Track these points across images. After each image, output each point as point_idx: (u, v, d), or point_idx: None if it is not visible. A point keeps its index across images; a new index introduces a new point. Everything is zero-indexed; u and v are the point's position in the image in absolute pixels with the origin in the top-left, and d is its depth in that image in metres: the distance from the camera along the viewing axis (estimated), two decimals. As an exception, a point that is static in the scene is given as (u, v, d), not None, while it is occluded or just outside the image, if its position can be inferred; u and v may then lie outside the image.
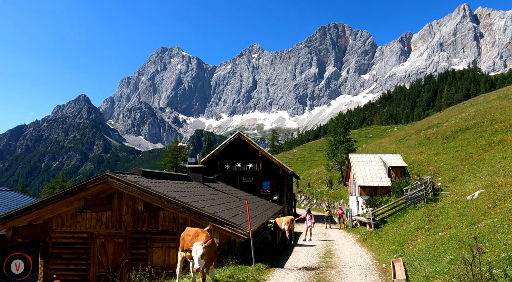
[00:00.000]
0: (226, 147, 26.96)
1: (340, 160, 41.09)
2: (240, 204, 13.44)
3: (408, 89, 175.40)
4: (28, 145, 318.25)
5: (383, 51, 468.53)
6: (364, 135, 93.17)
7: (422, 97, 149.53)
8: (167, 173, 12.53)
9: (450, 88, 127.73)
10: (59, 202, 9.20)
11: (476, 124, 33.92)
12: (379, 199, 22.09)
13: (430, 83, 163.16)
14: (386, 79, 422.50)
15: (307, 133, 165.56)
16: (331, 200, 37.54)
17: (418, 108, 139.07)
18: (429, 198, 16.50)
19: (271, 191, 26.53)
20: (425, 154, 32.02)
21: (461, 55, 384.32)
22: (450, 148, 30.68)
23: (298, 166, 72.62)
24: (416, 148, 37.48)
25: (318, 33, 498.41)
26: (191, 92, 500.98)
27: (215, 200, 11.64)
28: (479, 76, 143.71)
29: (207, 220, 8.72)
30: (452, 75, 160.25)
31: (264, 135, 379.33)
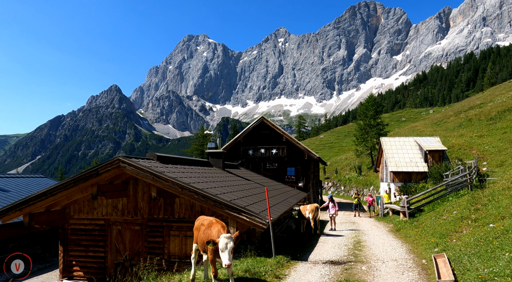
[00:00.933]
0: (250, 132, 26.20)
1: (370, 144, 39.01)
2: (261, 191, 12.68)
3: (446, 69, 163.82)
4: (66, 134, 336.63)
5: (418, 29, 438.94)
6: (396, 119, 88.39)
7: (461, 78, 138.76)
8: (185, 158, 11.99)
9: (493, 66, 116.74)
10: (72, 188, 8.94)
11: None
12: (414, 186, 20.43)
13: (470, 62, 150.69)
14: (420, 60, 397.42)
15: (335, 118, 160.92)
16: (360, 187, 35.95)
17: (457, 90, 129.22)
18: (474, 184, 14.74)
19: (296, 177, 25.59)
20: (466, 136, 29.30)
21: (507, 30, 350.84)
22: (496, 129, 27.83)
23: (325, 152, 70.73)
24: (456, 130, 34.53)
25: (347, 13, 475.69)
26: (217, 80, 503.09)
27: (234, 187, 10.96)
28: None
29: (223, 208, 8.05)
30: (496, 52, 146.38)
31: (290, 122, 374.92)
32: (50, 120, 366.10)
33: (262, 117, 25.63)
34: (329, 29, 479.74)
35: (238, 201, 8.82)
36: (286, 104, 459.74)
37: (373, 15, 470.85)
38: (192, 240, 9.15)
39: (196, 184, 8.82)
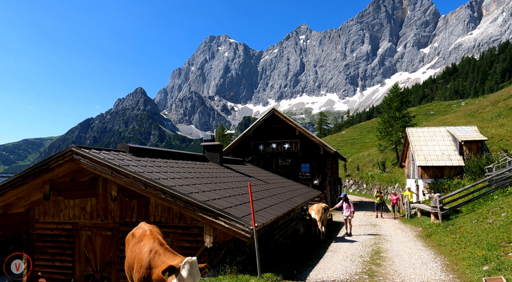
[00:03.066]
0: (260, 125, 24.36)
1: (395, 138, 35.88)
2: (262, 188, 10.82)
3: (478, 61, 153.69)
4: (95, 136, 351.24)
5: (447, 20, 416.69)
6: (424, 113, 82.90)
7: (496, 69, 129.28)
8: (170, 150, 10.32)
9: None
10: (22, 186, 7.52)
11: None
12: (447, 182, 17.72)
13: (506, 52, 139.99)
14: (450, 52, 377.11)
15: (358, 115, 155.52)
16: (383, 185, 33.11)
17: (491, 82, 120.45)
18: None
19: (311, 174, 23.45)
20: (508, 126, 25.96)
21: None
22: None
23: (347, 149, 67.62)
24: (495, 120, 30.96)
25: (371, 7, 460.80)
26: (238, 80, 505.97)
27: (226, 184, 9.16)
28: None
29: (195, 211, 6.31)
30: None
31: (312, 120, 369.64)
32: (80, 123, 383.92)
33: (273, 109, 23.66)
34: (352, 24, 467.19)
35: (220, 201, 7.01)
36: (308, 102, 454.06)
37: (399, 7, 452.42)
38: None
39: (171, 181, 7.12)
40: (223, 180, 9.61)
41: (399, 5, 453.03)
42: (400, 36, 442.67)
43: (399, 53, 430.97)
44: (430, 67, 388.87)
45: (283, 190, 12.65)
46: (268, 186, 12.31)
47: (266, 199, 9.35)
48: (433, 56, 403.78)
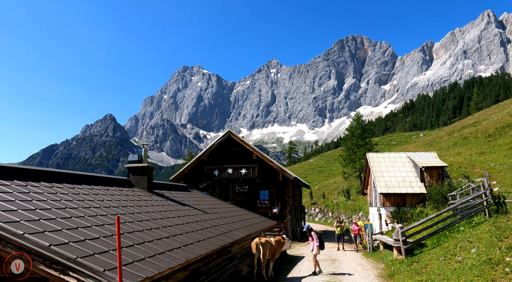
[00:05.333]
0: (215, 149, 22.38)
1: (358, 166, 35.44)
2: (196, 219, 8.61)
3: (432, 98, 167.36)
4: (59, 163, 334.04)
5: (404, 61, 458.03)
6: (386, 143, 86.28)
7: (448, 105, 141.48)
8: (72, 173, 7.92)
9: (477, 95, 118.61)
10: None
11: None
12: (409, 211, 16.55)
13: (455, 91, 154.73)
14: (407, 89, 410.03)
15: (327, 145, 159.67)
16: (348, 213, 31.79)
17: (444, 117, 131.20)
18: (493, 209, 10.87)
19: (270, 202, 21.47)
20: (465, 154, 26.10)
21: (487, 62, 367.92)
22: (499, 145, 24.75)
23: (315, 176, 67.25)
24: (452, 149, 31.42)
25: (336, 46, 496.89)
26: (211, 109, 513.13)
27: (138, 215, 6.84)
28: (509, 82, 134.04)
29: (34, 260, 3.97)
30: (479, 81, 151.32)
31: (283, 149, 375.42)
32: (43, 149, 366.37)
33: (229, 132, 21.89)
34: (319, 61, 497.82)
35: (99, 243, 4.72)
36: (279, 132, 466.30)
37: (361, 48, 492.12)
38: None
39: (21, 215, 4.71)
40: (139, 210, 7.30)
41: (361, 46, 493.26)
42: (363, 73, 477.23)
43: (363, 89, 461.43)
44: (390, 102, 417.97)
45: (225, 221, 10.44)
46: (206, 216, 10.06)
47: (188, 235, 7.12)
48: (393, 92, 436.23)
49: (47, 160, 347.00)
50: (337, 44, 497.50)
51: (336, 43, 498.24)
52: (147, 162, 10.52)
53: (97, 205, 6.42)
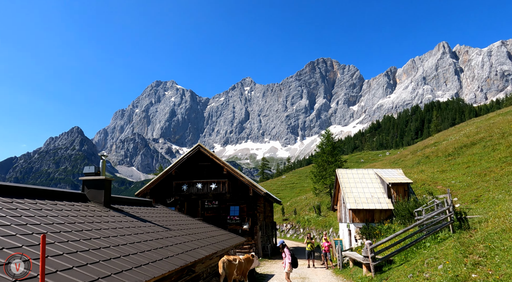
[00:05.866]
0: (184, 163, 21.59)
1: (328, 182, 35.98)
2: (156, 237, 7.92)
3: (396, 119, 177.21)
4: (18, 177, 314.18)
5: (370, 84, 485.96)
6: (355, 161, 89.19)
7: (410, 127, 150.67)
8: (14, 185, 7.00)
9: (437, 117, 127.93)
10: None
11: (483, 139, 29.91)
12: (377, 227, 16.69)
13: (417, 113, 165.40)
14: (374, 110, 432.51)
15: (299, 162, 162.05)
16: (319, 229, 31.74)
17: (407, 137, 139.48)
18: (456, 225, 11.18)
19: (241, 218, 20.86)
20: (427, 172, 27.30)
21: (444, 88, 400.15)
22: (458, 164, 26.17)
23: (287, 193, 67.43)
24: (415, 167, 32.90)
25: (307, 67, 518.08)
26: (184, 124, 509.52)
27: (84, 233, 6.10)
28: (463, 107, 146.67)
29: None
30: (437, 106, 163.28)
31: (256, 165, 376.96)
32: (0, 162, 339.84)
33: (198, 146, 21.27)
34: (291, 81, 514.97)
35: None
36: (253, 148, 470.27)
37: (330, 70, 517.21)
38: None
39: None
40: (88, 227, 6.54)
41: (331, 68, 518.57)
42: (333, 94, 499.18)
43: (333, 109, 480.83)
44: (359, 122, 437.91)
45: (190, 238, 9.76)
46: (168, 233, 9.34)
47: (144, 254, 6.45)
48: (361, 113, 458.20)
49: (5, 173, 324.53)
50: (308, 65, 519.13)
51: (308, 65, 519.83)
52: (106, 174, 9.70)
53: (36, 222, 5.64)
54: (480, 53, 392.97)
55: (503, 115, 43.08)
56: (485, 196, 15.16)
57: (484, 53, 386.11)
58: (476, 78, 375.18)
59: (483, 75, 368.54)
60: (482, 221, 10.66)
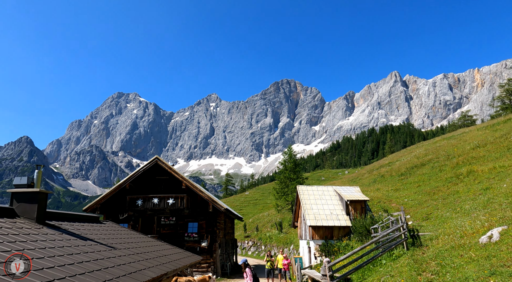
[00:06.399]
0: (140, 176, 20.33)
1: (290, 199, 36.22)
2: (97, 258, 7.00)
3: (355, 140, 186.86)
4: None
5: (331, 106, 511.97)
6: (316, 178, 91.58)
7: (367, 148, 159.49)
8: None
9: (390, 140, 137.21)
10: None
11: (431, 160, 32.09)
12: (336, 244, 16.72)
13: (373, 135, 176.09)
14: (334, 131, 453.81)
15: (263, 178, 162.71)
16: (280, 246, 31.35)
17: (364, 157, 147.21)
18: (409, 242, 11.48)
19: (199, 235, 19.87)
20: (383, 190, 28.58)
21: (396, 113, 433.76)
22: (409, 183, 27.68)
23: (250, 209, 66.80)
24: (372, 185, 34.31)
25: (272, 87, 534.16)
26: (146, 137, 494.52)
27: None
28: (413, 131, 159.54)
29: None
30: (391, 129, 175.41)
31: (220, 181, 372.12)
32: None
33: (156, 158, 20.21)
34: (256, 99, 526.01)
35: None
36: (217, 164, 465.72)
37: (294, 91, 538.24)
38: None
39: None
40: (7, 248, 5.58)
41: (294, 89, 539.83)
42: (296, 114, 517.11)
43: (296, 128, 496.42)
44: (320, 142, 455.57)
45: (137, 258, 8.86)
46: (111, 253, 8.37)
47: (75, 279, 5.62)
48: (322, 133, 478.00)
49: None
50: (273, 85, 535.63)
51: (273, 85, 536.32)
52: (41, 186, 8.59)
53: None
54: (426, 83, 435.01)
55: (447, 139, 47.15)
56: (435, 213, 16.00)
57: (429, 83, 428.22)
58: (423, 106, 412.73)
59: (429, 103, 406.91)
60: (433, 238, 11.07)
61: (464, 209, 13.98)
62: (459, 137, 41.61)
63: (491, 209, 11.53)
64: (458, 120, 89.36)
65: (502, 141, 26.32)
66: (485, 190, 15.99)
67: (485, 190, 15.89)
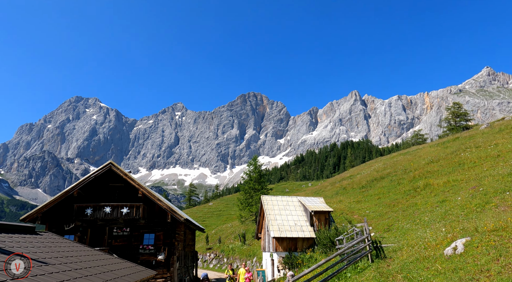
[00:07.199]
0: (91, 183, 18.50)
1: (254, 210, 35.47)
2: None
3: (318, 154, 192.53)
4: None
5: (296, 120, 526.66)
6: (281, 190, 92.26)
7: (329, 162, 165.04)
8: None
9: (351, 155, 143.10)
10: None
11: (390, 174, 33.34)
12: (300, 256, 16.23)
13: (335, 150, 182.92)
14: (298, 145, 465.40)
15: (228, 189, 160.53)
16: (243, 258, 30.28)
17: (327, 171, 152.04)
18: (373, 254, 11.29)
19: (156, 247, 18.34)
20: (345, 202, 29.02)
21: (356, 130, 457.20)
22: (370, 195, 28.36)
23: (213, 220, 65.09)
24: (334, 197, 34.82)
25: (239, 99, 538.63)
26: (106, 144, 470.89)
27: None
28: (371, 147, 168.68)
29: None
30: (351, 145, 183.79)
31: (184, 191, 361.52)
32: None
33: (110, 164, 18.54)
34: (223, 110, 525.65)
35: None
36: (181, 174, 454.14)
37: (260, 104, 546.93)
38: None
39: None
40: None
41: (261, 103, 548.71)
42: (262, 127, 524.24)
43: (262, 140, 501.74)
44: (285, 155, 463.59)
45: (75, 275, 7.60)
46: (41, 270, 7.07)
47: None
48: (287, 146, 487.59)
49: None
50: (240, 97, 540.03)
51: (239, 97, 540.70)
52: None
53: None
54: (383, 103, 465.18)
55: (404, 155, 49.81)
56: (396, 225, 16.24)
57: (386, 104, 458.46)
58: (380, 124, 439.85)
59: (386, 122, 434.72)
60: (397, 249, 10.98)
61: (423, 221, 14.27)
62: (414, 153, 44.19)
63: (449, 220, 11.80)
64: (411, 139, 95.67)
65: (453, 157, 28.14)
66: (441, 202, 16.61)
67: (441, 202, 16.50)
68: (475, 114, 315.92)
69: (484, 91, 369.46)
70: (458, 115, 63.29)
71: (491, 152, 23.44)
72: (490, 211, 11.02)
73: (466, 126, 61.64)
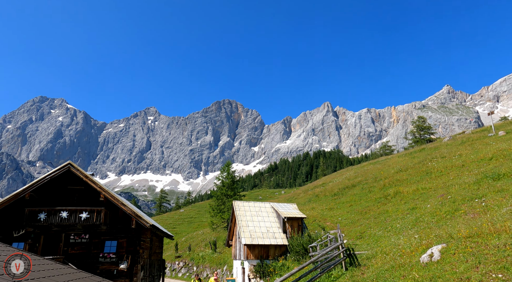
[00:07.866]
0: (47, 184, 16.86)
1: (226, 216, 34.57)
2: None
3: (291, 163, 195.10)
4: None
5: (270, 129, 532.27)
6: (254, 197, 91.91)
7: (302, 170, 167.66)
8: None
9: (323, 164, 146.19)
10: None
11: (361, 182, 33.92)
12: (272, 264, 15.64)
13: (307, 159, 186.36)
14: (272, 153, 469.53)
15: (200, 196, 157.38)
16: (213, 267, 29.13)
17: (299, 179, 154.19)
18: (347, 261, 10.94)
19: (118, 255, 16.90)
20: (318, 209, 29.00)
21: (328, 140, 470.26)
22: (342, 203, 28.55)
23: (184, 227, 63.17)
24: (307, 204, 34.80)
25: (214, 106, 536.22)
26: (72, 147, 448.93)
27: None
28: (342, 157, 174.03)
29: None
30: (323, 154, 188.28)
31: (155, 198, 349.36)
32: None
33: (69, 164, 17.00)
34: (197, 116, 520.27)
35: None
36: (152, 180, 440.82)
37: (235, 111, 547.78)
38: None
39: None
40: None
41: (236, 110, 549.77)
42: (237, 134, 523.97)
43: (236, 148, 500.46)
44: (259, 163, 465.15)
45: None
46: None
47: None
48: (261, 154, 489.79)
49: None
50: (215, 104, 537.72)
51: (214, 104, 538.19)
52: None
53: None
54: (353, 116, 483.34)
55: (373, 164, 51.19)
56: (368, 232, 16.18)
57: (356, 116, 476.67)
58: (351, 135, 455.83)
59: (356, 133, 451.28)
60: (370, 257, 10.72)
61: (395, 228, 14.27)
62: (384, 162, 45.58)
63: (421, 227, 11.80)
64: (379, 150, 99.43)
65: (420, 166, 29.16)
66: (411, 209, 16.83)
67: (412, 210, 16.71)
68: (437, 128, 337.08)
69: (444, 108, 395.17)
70: (423, 129, 67.02)
71: (456, 162, 24.46)
72: (460, 218, 11.14)
73: (430, 139, 65.36)
